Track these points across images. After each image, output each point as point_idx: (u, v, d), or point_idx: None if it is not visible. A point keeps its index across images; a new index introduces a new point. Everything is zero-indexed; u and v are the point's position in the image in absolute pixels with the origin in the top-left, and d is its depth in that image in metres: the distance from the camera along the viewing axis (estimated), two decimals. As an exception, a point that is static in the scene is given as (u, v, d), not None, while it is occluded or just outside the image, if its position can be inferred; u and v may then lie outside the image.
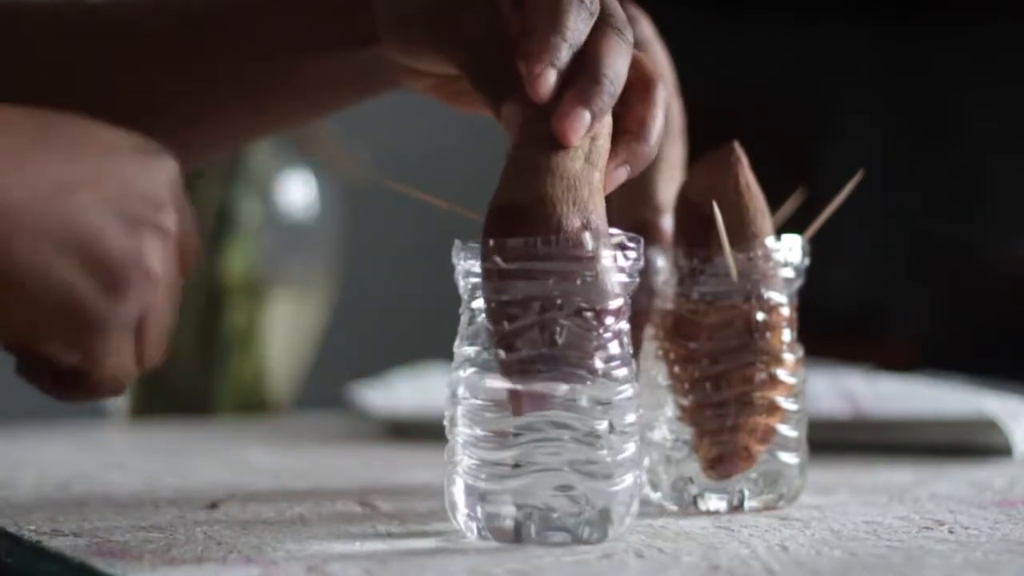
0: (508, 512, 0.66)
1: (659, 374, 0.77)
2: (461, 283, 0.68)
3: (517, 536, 0.66)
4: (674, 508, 0.77)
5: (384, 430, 1.26)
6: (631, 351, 0.68)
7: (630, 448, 0.67)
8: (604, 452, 0.66)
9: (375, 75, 0.80)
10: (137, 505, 0.80)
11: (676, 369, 0.77)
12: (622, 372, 0.67)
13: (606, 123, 0.69)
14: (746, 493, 0.76)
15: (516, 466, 0.66)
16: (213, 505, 0.79)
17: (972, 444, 1.01)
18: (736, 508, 0.76)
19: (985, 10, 3.06)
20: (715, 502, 0.76)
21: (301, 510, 0.78)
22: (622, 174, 0.70)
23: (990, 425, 1.00)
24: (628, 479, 0.67)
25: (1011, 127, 3.09)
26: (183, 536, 0.69)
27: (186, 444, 1.21)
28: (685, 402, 0.76)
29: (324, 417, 1.44)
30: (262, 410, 1.53)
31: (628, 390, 0.67)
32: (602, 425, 0.66)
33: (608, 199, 0.69)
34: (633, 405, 0.67)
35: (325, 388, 1.59)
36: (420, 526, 0.72)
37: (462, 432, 0.67)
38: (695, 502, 0.76)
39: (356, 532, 0.71)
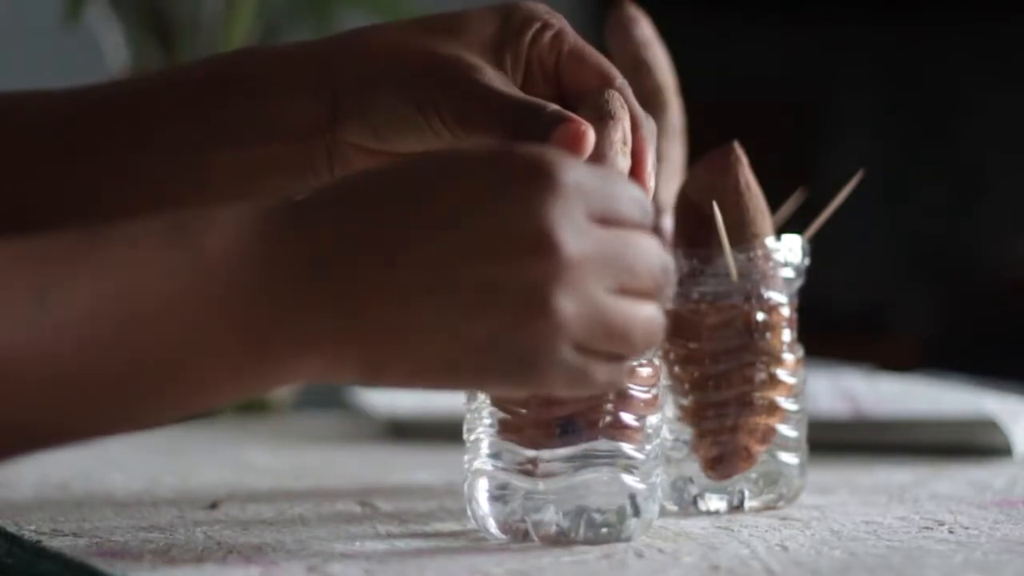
0: (550, 515, 0.66)
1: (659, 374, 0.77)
2: None
3: (561, 538, 0.66)
4: (674, 508, 0.76)
5: (384, 430, 1.25)
6: (655, 352, 0.68)
7: (656, 448, 0.67)
8: (636, 450, 0.66)
9: (300, 168, 0.73)
10: (137, 505, 0.80)
11: (676, 369, 0.77)
12: (645, 372, 0.67)
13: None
14: (746, 493, 0.76)
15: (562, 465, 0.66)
16: (213, 505, 0.79)
17: (972, 444, 1.01)
18: (736, 508, 0.76)
19: (985, 10, 3.06)
20: (715, 502, 0.76)
21: (301, 510, 0.78)
22: None
23: (990, 425, 1.00)
24: (654, 478, 0.67)
25: (1011, 127, 3.09)
26: (183, 536, 0.69)
27: (186, 444, 1.21)
28: (685, 402, 0.76)
29: (324, 417, 1.44)
30: (262, 410, 1.53)
31: (652, 391, 0.67)
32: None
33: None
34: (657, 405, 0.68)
35: (325, 388, 1.58)
36: (420, 526, 0.72)
37: (489, 433, 0.67)
38: (695, 502, 0.76)
39: (356, 532, 0.71)
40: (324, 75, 0.71)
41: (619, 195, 0.61)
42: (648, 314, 0.61)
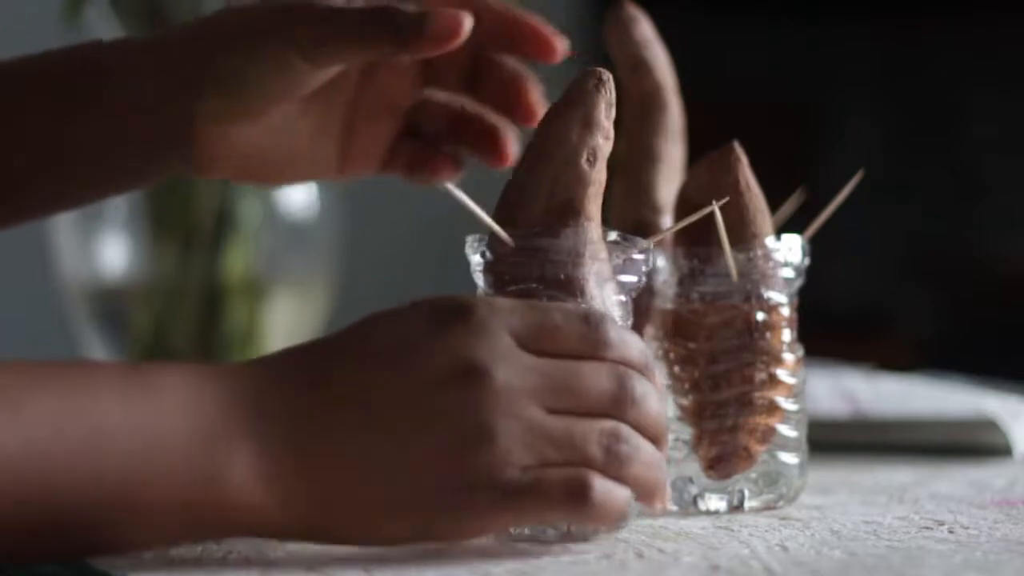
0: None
1: (659, 374, 0.77)
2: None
3: (534, 535, 0.66)
4: (674, 508, 0.76)
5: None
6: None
7: None
8: None
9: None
10: (137, 505, 0.80)
11: (676, 369, 0.77)
12: None
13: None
14: (746, 493, 0.76)
15: None
16: (213, 505, 0.79)
17: (972, 444, 1.01)
18: (736, 508, 0.76)
19: (985, 10, 3.06)
20: (715, 502, 0.76)
21: (301, 510, 0.77)
22: None
23: (990, 425, 1.00)
24: None
25: (1011, 127, 3.10)
26: (183, 536, 0.69)
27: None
28: (685, 402, 0.76)
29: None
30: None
31: None
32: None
33: (607, 199, 0.68)
34: None
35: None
36: (420, 526, 0.72)
37: None
38: (695, 502, 0.76)
39: (356, 532, 0.70)
40: (168, 54, 0.74)
41: (550, 326, 0.62)
42: (604, 429, 0.62)
